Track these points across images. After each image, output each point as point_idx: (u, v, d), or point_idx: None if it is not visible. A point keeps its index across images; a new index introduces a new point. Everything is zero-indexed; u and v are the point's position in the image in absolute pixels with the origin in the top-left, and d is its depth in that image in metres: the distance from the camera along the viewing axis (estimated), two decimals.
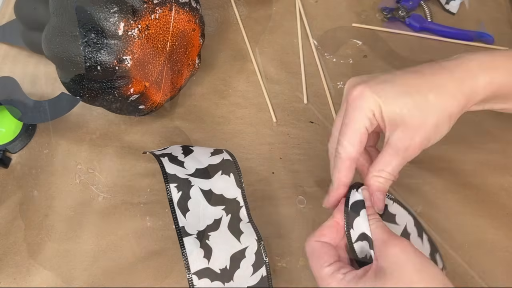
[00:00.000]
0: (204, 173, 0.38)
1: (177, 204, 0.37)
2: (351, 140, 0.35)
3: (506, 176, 0.49)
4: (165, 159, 0.39)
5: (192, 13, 0.47)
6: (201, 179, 0.38)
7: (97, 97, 0.44)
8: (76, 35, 0.41)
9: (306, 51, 0.59)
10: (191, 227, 0.37)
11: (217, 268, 0.36)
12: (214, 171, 0.38)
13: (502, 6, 0.64)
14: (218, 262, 0.36)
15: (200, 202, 0.37)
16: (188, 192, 0.37)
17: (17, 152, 0.52)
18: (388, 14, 0.61)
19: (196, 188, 0.38)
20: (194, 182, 0.38)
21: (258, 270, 0.36)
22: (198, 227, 0.37)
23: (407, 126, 0.34)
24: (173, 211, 0.37)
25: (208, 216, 0.37)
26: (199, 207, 0.37)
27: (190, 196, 0.37)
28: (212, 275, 0.36)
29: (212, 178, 0.38)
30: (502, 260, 0.45)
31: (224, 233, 0.37)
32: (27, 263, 0.45)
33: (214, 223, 0.37)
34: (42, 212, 0.48)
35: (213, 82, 0.57)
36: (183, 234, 0.37)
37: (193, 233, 0.37)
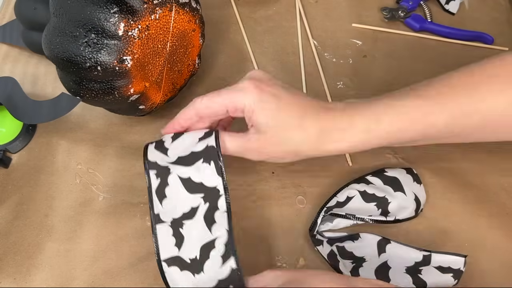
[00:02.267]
0: (185, 160, 0.38)
1: (155, 191, 0.37)
2: (210, 102, 0.38)
3: (506, 176, 0.49)
4: (151, 146, 0.40)
5: (192, 13, 0.47)
6: (181, 166, 0.37)
7: (97, 97, 0.44)
8: (76, 35, 0.41)
9: (306, 51, 0.59)
10: (167, 215, 0.37)
11: (187, 258, 0.36)
12: (196, 158, 0.37)
13: (502, 6, 0.64)
14: (189, 251, 0.36)
15: (178, 190, 0.37)
16: (166, 179, 0.37)
17: (17, 152, 0.52)
18: (388, 14, 0.61)
19: (174, 176, 0.37)
20: (173, 170, 0.37)
21: (227, 262, 0.35)
22: (174, 215, 0.36)
23: (264, 139, 0.37)
24: (150, 198, 0.37)
25: (185, 204, 0.37)
26: (178, 194, 0.37)
27: (168, 183, 0.37)
28: (182, 264, 0.36)
29: (193, 165, 0.37)
30: (502, 260, 0.45)
31: (198, 222, 0.36)
32: (27, 263, 0.45)
33: (190, 211, 0.36)
34: (42, 212, 0.48)
35: (213, 82, 0.57)
36: (156, 221, 0.36)
37: (167, 220, 0.36)
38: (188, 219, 0.36)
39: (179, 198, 0.37)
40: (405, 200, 0.45)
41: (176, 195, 0.37)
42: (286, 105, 0.36)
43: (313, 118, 0.36)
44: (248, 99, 0.36)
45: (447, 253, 0.42)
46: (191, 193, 0.37)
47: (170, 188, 0.37)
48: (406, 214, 0.46)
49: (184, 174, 0.37)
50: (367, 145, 0.36)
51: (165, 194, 0.37)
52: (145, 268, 0.44)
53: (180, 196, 0.37)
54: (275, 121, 0.36)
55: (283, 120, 0.36)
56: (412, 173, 0.48)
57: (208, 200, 0.37)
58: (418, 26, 0.60)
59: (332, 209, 0.44)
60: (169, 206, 0.37)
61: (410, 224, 0.46)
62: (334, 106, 0.37)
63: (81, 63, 0.41)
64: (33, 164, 0.51)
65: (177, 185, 0.37)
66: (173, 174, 0.37)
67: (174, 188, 0.37)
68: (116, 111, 0.50)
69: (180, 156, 0.38)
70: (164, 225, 0.36)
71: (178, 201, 0.37)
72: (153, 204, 0.37)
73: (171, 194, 0.37)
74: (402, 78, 0.56)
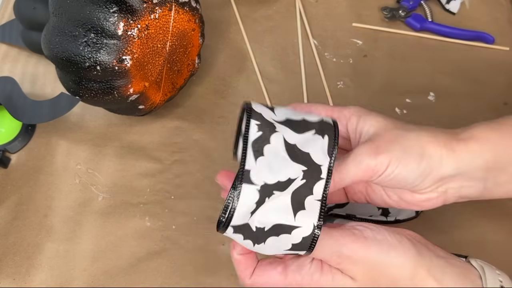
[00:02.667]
0: (295, 125, 0.31)
1: (252, 143, 0.30)
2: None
3: None
4: (256, 103, 0.33)
5: (192, 12, 0.47)
6: (289, 129, 0.31)
7: (97, 97, 0.44)
8: (75, 35, 0.41)
9: (306, 51, 0.59)
10: (258, 176, 0.30)
11: (253, 226, 0.30)
12: (307, 128, 0.31)
13: (503, 6, 0.63)
14: (258, 221, 0.30)
15: (279, 153, 0.30)
16: (269, 136, 0.30)
17: (16, 152, 0.52)
18: (389, 14, 0.61)
19: (279, 136, 0.30)
20: (280, 130, 0.31)
21: (296, 251, 0.31)
22: (267, 179, 0.30)
23: (375, 141, 0.32)
24: (244, 148, 0.30)
25: (284, 172, 0.30)
26: (277, 157, 0.30)
27: (270, 141, 0.30)
28: (248, 233, 0.30)
29: (302, 134, 0.31)
30: (502, 260, 0.44)
31: (286, 197, 0.30)
32: (27, 263, 0.45)
33: (286, 181, 0.30)
34: (41, 212, 0.48)
35: (213, 82, 0.57)
36: (246, 179, 0.29)
37: (258, 183, 0.30)
38: (279, 190, 0.30)
39: (278, 162, 0.30)
40: None
41: (275, 157, 0.30)
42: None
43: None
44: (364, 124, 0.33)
45: None
46: (294, 161, 0.30)
47: (271, 147, 0.30)
48: (407, 215, 0.45)
49: (291, 139, 0.31)
50: None
51: (262, 152, 0.30)
52: (145, 269, 0.44)
53: (280, 161, 0.30)
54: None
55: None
56: None
57: (306, 178, 0.30)
58: (418, 26, 0.60)
59: (332, 210, 0.44)
60: (263, 167, 0.30)
61: (411, 225, 0.46)
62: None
63: (81, 62, 0.41)
64: (33, 164, 0.51)
65: (279, 147, 0.30)
66: (279, 134, 0.31)
67: (275, 149, 0.30)
68: (115, 111, 0.50)
69: (289, 119, 0.32)
70: (252, 188, 0.29)
71: (276, 165, 0.30)
72: (246, 157, 0.30)
73: (270, 155, 0.30)
74: (403, 78, 0.56)
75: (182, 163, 0.51)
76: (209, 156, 0.51)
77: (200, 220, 0.47)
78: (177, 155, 0.51)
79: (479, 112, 0.53)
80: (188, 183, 0.49)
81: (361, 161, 0.31)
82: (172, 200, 0.48)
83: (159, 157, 0.51)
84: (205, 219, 0.47)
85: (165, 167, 0.50)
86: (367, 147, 0.31)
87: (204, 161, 0.51)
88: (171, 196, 0.49)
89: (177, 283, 0.44)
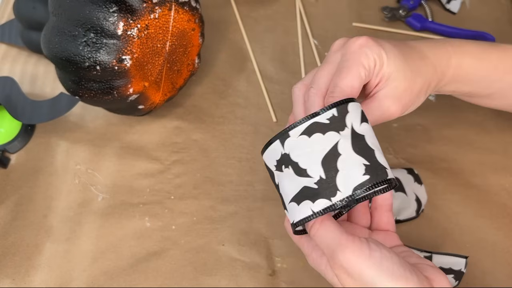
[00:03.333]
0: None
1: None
2: (352, 83, 0.33)
3: (507, 176, 0.49)
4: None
5: (191, 12, 0.47)
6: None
7: (96, 97, 0.44)
8: (75, 34, 0.41)
9: (306, 51, 0.59)
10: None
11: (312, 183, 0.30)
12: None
13: (503, 6, 0.63)
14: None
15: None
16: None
17: (16, 152, 0.52)
18: (389, 14, 0.61)
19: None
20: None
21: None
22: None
23: (398, 87, 0.35)
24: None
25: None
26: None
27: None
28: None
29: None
30: (502, 260, 0.44)
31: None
32: (26, 263, 0.45)
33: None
34: (41, 212, 0.48)
35: (213, 82, 0.57)
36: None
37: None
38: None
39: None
40: (406, 201, 0.45)
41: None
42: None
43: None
44: (373, 52, 0.34)
45: (448, 254, 0.42)
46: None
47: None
48: (407, 215, 0.45)
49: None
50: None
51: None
52: (145, 269, 0.44)
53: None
54: (402, 60, 0.35)
55: (406, 57, 0.35)
56: (413, 173, 0.48)
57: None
58: (419, 26, 0.60)
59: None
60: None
61: (411, 225, 0.46)
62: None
63: (80, 62, 0.41)
64: (32, 164, 0.51)
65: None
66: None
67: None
68: (115, 111, 0.50)
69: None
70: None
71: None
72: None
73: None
74: None
75: (182, 163, 0.51)
76: (209, 156, 0.51)
77: (200, 220, 0.47)
78: (177, 155, 0.51)
79: (479, 112, 0.53)
80: (188, 183, 0.49)
81: (386, 111, 0.35)
82: (172, 200, 0.48)
83: (158, 157, 0.51)
84: (205, 219, 0.47)
85: (165, 167, 0.50)
86: (396, 104, 0.35)
87: (204, 161, 0.51)
88: (171, 196, 0.48)
89: (177, 283, 0.44)
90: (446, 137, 0.52)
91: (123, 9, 0.40)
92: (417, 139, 0.51)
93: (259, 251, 0.45)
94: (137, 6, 0.41)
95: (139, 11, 0.41)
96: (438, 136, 0.52)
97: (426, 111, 0.53)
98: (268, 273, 0.44)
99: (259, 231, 0.46)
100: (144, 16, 0.42)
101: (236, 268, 0.44)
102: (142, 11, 0.42)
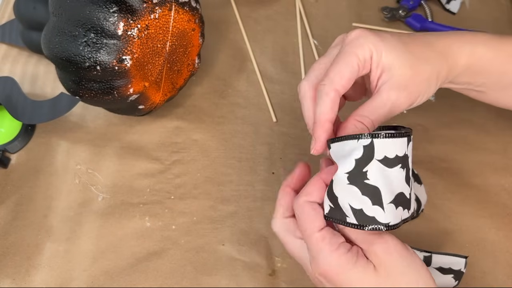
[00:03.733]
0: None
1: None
2: (341, 72, 0.32)
3: (507, 176, 0.49)
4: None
5: (192, 12, 0.47)
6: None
7: (97, 97, 0.44)
8: (75, 34, 0.41)
9: (306, 51, 0.59)
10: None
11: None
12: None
13: (503, 6, 0.63)
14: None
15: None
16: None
17: (16, 152, 0.52)
18: (389, 14, 0.61)
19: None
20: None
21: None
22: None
23: (402, 76, 0.33)
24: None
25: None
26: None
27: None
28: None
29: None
30: (502, 260, 0.44)
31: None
32: (26, 263, 0.45)
33: None
34: (41, 212, 0.48)
35: (213, 82, 0.57)
36: None
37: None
38: None
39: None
40: None
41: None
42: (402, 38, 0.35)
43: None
44: (368, 43, 0.33)
45: (448, 254, 0.42)
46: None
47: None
48: None
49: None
50: None
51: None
52: (145, 269, 0.44)
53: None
54: (404, 50, 0.34)
55: (409, 48, 0.34)
56: (413, 173, 0.48)
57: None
58: (419, 26, 0.60)
59: None
60: None
61: (411, 225, 0.46)
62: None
63: (80, 62, 0.41)
64: (32, 164, 0.51)
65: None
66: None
67: None
68: (115, 111, 0.50)
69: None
70: None
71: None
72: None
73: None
74: None
75: (182, 163, 0.51)
76: (209, 156, 0.51)
77: (200, 220, 0.47)
78: (177, 155, 0.51)
79: (479, 112, 0.53)
80: (188, 183, 0.49)
81: (395, 104, 0.33)
82: (172, 200, 0.48)
83: (159, 157, 0.51)
84: (205, 219, 0.47)
85: (165, 167, 0.50)
86: (403, 95, 0.33)
87: (204, 161, 0.51)
88: (171, 196, 0.49)
89: (177, 283, 0.44)
90: (446, 137, 0.52)
91: (124, 9, 0.41)
92: (417, 139, 0.51)
93: (259, 251, 0.45)
94: (137, 6, 0.41)
95: (139, 11, 0.41)
96: (438, 136, 0.52)
97: (426, 111, 0.53)
98: (268, 273, 0.44)
99: (259, 231, 0.46)
100: (144, 16, 0.42)
101: (236, 268, 0.44)
102: (142, 11, 0.42)
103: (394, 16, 0.61)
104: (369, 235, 0.32)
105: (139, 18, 0.42)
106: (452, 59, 0.36)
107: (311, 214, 0.32)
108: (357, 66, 0.33)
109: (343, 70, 0.33)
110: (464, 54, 0.36)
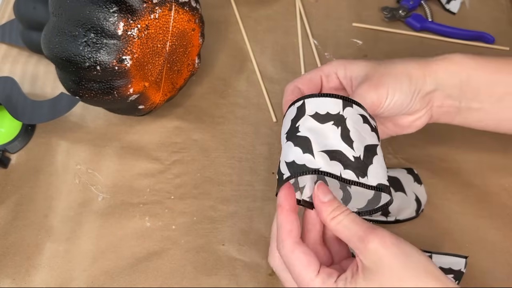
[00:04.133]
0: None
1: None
2: (304, 76, 0.39)
3: (507, 176, 0.49)
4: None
5: (192, 12, 0.47)
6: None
7: (97, 97, 0.44)
8: (75, 34, 0.41)
9: (306, 51, 0.59)
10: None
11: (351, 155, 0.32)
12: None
13: (503, 6, 0.63)
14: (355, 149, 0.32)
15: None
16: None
17: (16, 152, 0.52)
18: (389, 14, 0.61)
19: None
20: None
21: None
22: None
23: (368, 72, 0.37)
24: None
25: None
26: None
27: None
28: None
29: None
30: (502, 260, 0.44)
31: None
32: (26, 263, 0.45)
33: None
34: (41, 212, 0.48)
35: (213, 82, 0.57)
36: None
37: None
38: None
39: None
40: (405, 201, 0.45)
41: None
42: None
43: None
44: (332, 66, 0.39)
45: (448, 254, 0.42)
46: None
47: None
48: (407, 215, 0.45)
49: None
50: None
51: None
52: (145, 269, 0.44)
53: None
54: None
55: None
56: (413, 173, 0.48)
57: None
58: (419, 26, 0.60)
59: None
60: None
61: (411, 225, 0.46)
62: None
63: (80, 62, 0.41)
64: (32, 164, 0.51)
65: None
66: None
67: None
68: (115, 111, 0.50)
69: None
70: None
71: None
72: None
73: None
74: None
75: (182, 163, 0.51)
76: (209, 156, 0.51)
77: (200, 220, 0.47)
78: (177, 155, 0.51)
79: None
80: (188, 183, 0.49)
81: (365, 98, 0.35)
82: (172, 200, 0.48)
83: (159, 157, 0.51)
84: (205, 219, 0.47)
85: (165, 167, 0.50)
86: (366, 86, 0.36)
87: (204, 161, 0.51)
88: (171, 196, 0.49)
89: (177, 283, 0.44)
90: (446, 137, 0.52)
91: (124, 9, 0.41)
92: (417, 139, 0.51)
93: (259, 251, 0.45)
94: (137, 6, 0.41)
95: (139, 11, 0.41)
96: (438, 136, 0.52)
97: None
98: (268, 273, 0.44)
99: (259, 231, 0.46)
100: (144, 16, 0.42)
101: (236, 268, 0.44)
102: (142, 11, 0.42)
103: (394, 16, 0.61)
104: (363, 231, 0.30)
105: (139, 18, 0.42)
106: (425, 64, 0.37)
107: (304, 260, 0.31)
108: (319, 76, 0.39)
109: (306, 75, 0.39)
110: (439, 60, 0.38)
